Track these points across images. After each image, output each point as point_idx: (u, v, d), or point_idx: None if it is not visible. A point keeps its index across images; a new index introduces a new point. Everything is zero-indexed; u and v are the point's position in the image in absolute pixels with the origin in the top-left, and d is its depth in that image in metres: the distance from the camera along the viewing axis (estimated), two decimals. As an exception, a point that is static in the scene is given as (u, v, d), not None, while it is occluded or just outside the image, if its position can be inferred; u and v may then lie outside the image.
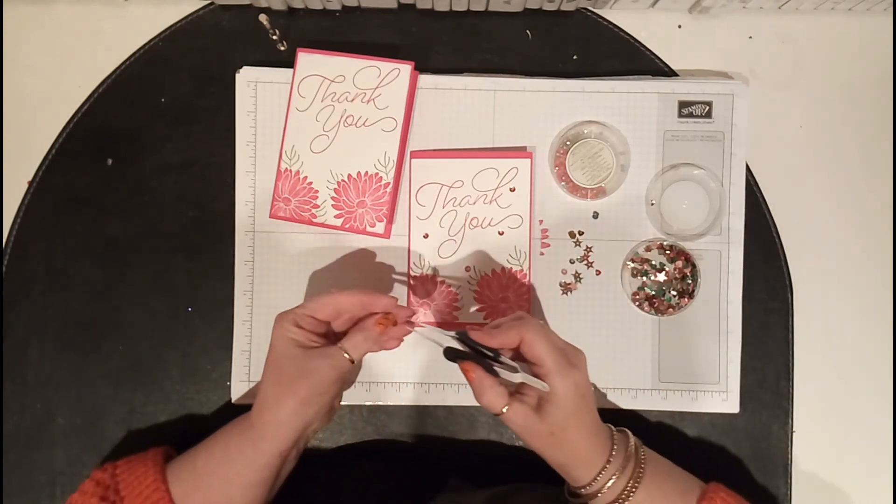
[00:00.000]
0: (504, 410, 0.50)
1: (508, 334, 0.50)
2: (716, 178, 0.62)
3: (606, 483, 0.50)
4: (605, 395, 0.62)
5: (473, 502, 0.56)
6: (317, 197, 0.61)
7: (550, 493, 0.54)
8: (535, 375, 0.50)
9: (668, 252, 0.62)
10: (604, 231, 0.62)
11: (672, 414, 0.62)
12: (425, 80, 0.62)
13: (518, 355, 0.52)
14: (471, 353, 0.51)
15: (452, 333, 0.53)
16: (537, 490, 0.56)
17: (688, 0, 0.62)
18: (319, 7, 0.62)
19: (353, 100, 0.60)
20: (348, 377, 0.56)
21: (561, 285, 0.62)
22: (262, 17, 0.60)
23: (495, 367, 0.50)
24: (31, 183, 0.62)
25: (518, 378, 0.50)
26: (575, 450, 0.51)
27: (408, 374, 0.62)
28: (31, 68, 0.63)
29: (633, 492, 0.50)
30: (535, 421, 0.50)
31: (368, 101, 0.60)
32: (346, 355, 0.51)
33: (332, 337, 0.55)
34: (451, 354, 0.52)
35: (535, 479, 0.58)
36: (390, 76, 0.60)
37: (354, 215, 0.60)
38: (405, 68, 0.60)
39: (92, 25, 0.63)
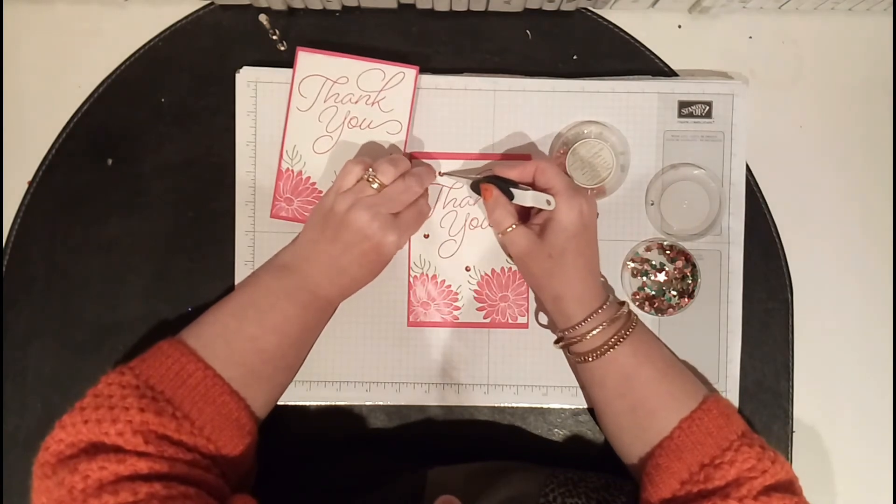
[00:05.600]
0: (510, 229, 0.55)
1: (526, 166, 0.56)
2: (716, 178, 0.62)
3: (594, 328, 0.54)
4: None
5: (455, 478, 0.56)
6: (320, 197, 0.60)
7: (540, 474, 0.54)
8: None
9: (668, 252, 0.62)
10: (604, 231, 0.62)
11: (672, 414, 0.62)
12: (425, 80, 0.62)
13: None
14: (492, 178, 0.57)
15: (478, 176, 0.58)
16: (528, 469, 0.56)
17: (688, 0, 0.62)
18: (319, 7, 0.62)
19: (356, 101, 0.60)
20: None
21: (561, 285, 0.62)
22: (262, 17, 0.60)
23: (512, 190, 0.56)
24: (31, 183, 0.62)
25: (529, 197, 0.55)
26: (570, 280, 0.54)
27: (408, 374, 0.62)
28: (31, 68, 0.63)
29: (618, 343, 0.53)
30: (535, 242, 0.54)
31: (373, 104, 0.60)
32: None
33: None
34: (475, 186, 0.58)
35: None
36: (395, 79, 0.60)
37: (355, 215, 0.60)
38: (410, 72, 0.60)
39: (92, 25, 0.63)
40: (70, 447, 0.45)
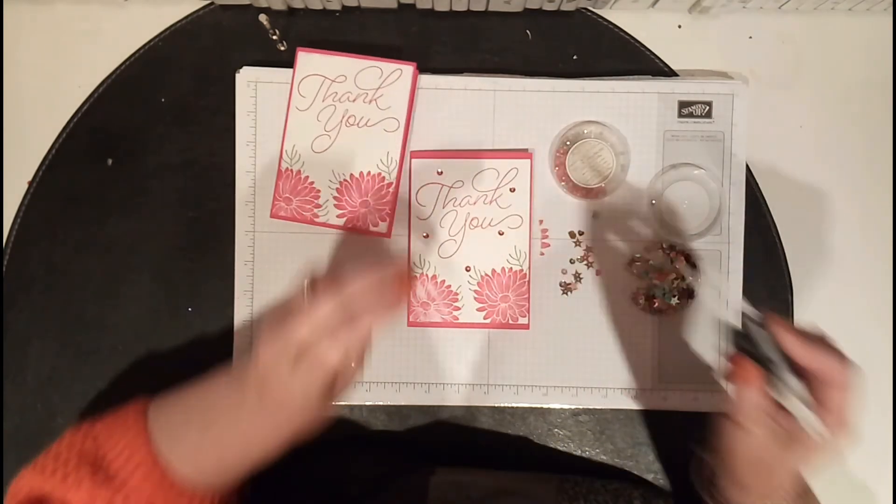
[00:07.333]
0: (753, 430, 0.45)
1: (823, 358, 0.43)
2: (716, 178, 0.62)
3: None
4: (604, 396, 0.62)
5: (459, 497, 0.55)
6: (318, 196, 0.61)
7: (561, 484, 0.53)
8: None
9: (668, 252, 0.62)
10: (604, 231, 0.62)
11: (672, 414, 0.62)
12: (425, 80, 0.62)
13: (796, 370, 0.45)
14: (760, 356, 0.44)
15: (755, 312, 0.46)
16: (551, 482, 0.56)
17: (688, 0, 0.62)
18: (319, 7, 0.62)
19: (354, 100, 0.60)
20: None
21: (561, 285, 0.62)
22: (262, 17, 0.60)
23: (780, 381, 0.44)
24: (31, 183, 0.62)
25: (800, 407, 0.43)
26: (766, 487, 0.47)
27: (408, 374, 0.62)
28: (31, 68, 0.63)
29: None
30: (769, 450, 0.45)
31: (370, 102, 0.60)
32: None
33: None
34: (738, 341, 0.46)
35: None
36: (392, 77, 0.60)
37: (357, 215, 0.60)
38: (407, 69, 0.60)
39: (92, 25, 0.63)
40: (26, 499, 0.45)
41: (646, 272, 0.62)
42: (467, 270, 0.62)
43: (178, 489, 0.46)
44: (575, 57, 0.63)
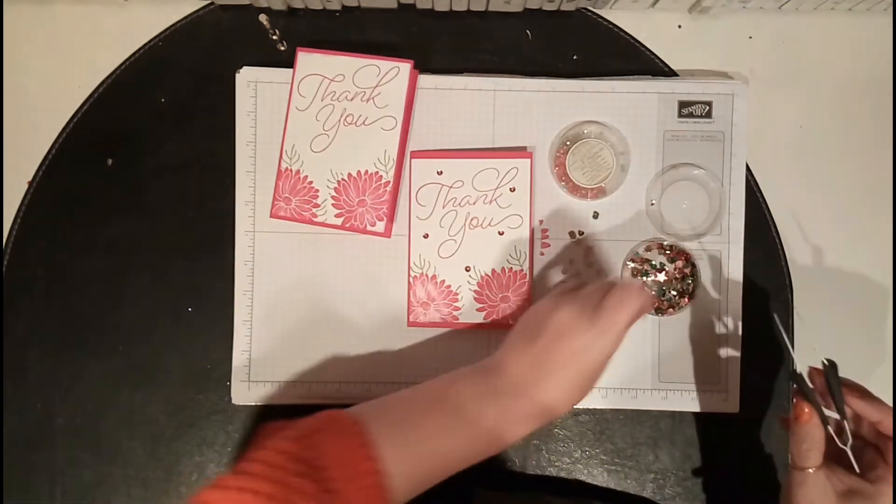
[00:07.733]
0: (810, 470, 0.46)
1: (883, 411, 0.48)
2: (716, 178, 0.62)
3: None
4: (604, 396, 0.62)
5: None
6: (317, 196, 0.61)
7: None
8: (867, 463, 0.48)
9: (668, 252, 0.62)
10: (604, 231, 0.62)
11: (672, 414, 0.62)
12: (425, 80, 0.62)
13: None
14: (814, 399, 0.48)
15: (825, 358, 0.50)
16: None
17: (688, 0, 0.62)
18: (319, 7, 0.62)
19: (352, 99, 0.60)
20: None
21: (561, 285, 0.62)
22: (262, 17, 0.60)
23: (831, 420, 0.47)
24: (31, 183, 0.62)
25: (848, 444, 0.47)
26: None
27: (408, 374, 0.62)
28: (31, 68, 0.63)
29: None
30: (830, 499, 0.46)
31: (368, 100, 0.60)
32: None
33: None
34: (795, 379, 0.49)
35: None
36: (389, 74, 0.60)
37: (355, 214, 0.60)
38: (404, 67, 0.60)
39: (92, 25, 0.63)
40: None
41: (646, 272, 0.62)
42: (467, 270, 0.62)
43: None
44: (575, 57, 0.63)
